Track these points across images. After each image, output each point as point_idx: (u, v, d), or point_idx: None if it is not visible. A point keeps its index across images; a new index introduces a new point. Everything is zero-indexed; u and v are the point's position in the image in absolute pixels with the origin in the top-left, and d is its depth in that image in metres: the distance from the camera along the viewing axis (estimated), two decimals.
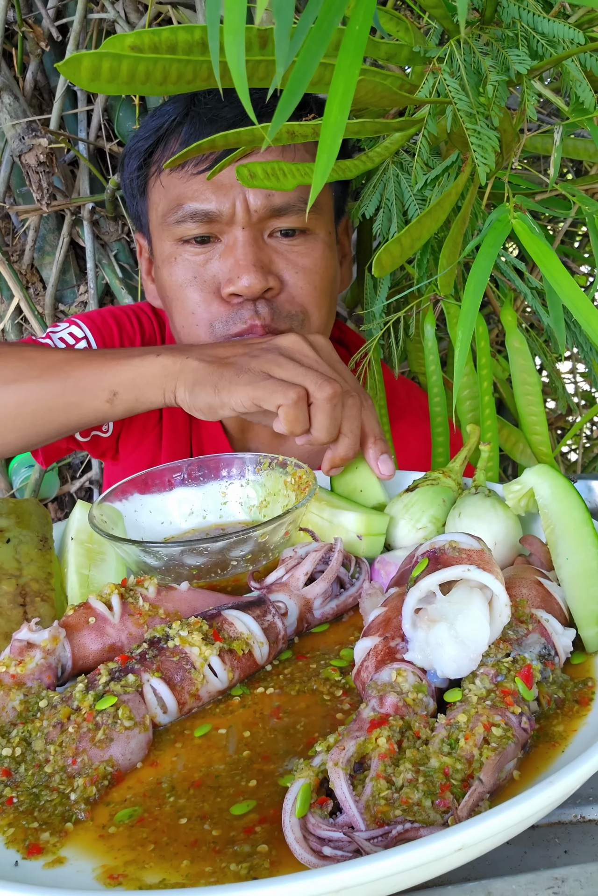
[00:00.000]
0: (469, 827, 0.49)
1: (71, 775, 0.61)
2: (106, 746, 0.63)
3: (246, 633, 0.74)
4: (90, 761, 0.62)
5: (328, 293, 1.18)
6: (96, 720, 0.63)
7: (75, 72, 0.70)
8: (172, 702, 0.68)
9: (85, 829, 0.58)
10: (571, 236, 2.04)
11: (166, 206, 1.14)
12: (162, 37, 0.71)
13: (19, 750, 0.63)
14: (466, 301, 0.78)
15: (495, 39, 0.82)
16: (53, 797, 0.60)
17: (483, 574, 0.64)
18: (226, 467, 1.05)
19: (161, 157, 1.15)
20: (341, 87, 0.50)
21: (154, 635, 0.72)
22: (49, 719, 0.65)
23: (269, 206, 1.10)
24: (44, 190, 1.53)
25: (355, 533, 0.91)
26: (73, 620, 0.75)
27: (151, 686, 0.68)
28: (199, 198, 1.10)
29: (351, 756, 0.56)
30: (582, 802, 0.63)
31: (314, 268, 1.15)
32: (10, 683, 0.68)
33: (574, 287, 0.76)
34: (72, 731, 0.63)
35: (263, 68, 0.73)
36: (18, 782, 0.62)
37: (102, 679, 0.67)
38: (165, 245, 1.16)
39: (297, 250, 1.14)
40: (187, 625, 0.72)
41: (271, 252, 1.13)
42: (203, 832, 0.57)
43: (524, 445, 1.10)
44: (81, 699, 0.65)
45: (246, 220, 1.10)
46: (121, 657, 0.70)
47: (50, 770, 0.62)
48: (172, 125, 1.14)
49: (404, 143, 0.94)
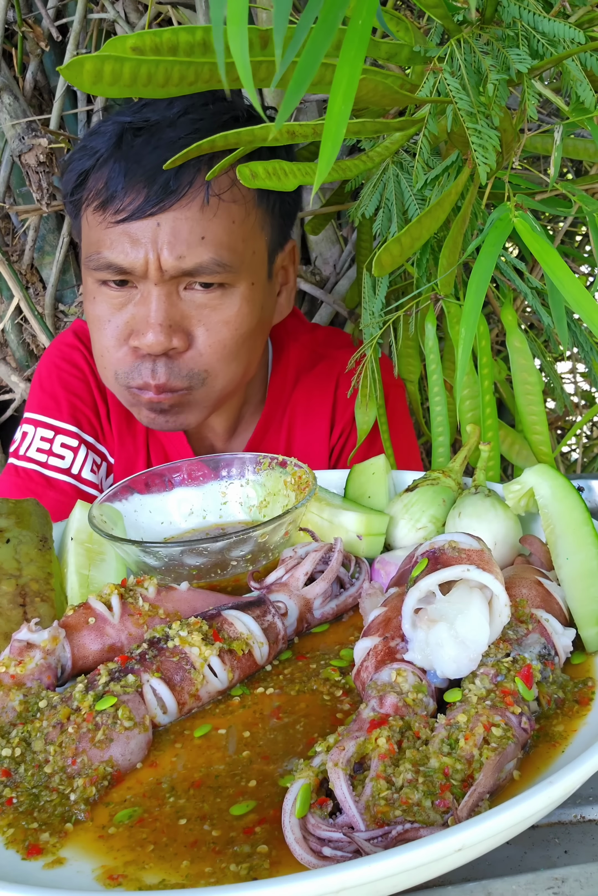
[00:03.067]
0: (469, 827, 0.49)
1: (71, 776, 0.61)
2: (106, 747, 0.63)
3: (246, 634, 0.74)
4: (90, 762, 0.62)
5: (242, 350, 1.18)
6: (96, 720, 0.63)
7: (77, 75, 0.70)
8: (172, 702, 0.68)
9: (84, 829, 0.58)
10: (571, 236, 2.04)
11: (87, 247, 1.15)
12: (163, 38, 0.71)
13: (19, 750, 0.63)
14: (468, 299, 0.78)
15: (495, 39, 0.82)
16: (53, 797, 0.60)
17: (483, 574, 0.64)
18: (226, 467, 1.05)
19: (91, 188, 1.14)
20: (345, 79, 0.50)
21: (154, 636, 0.72)
22: (49, 720, 0.64)
23: (180, 266, 1.09)
24: (44, 190, 1.53)
25: (355, 533, 0.91)
26: (72, 621, 0.75)
27: (150, 686, 0.68)
28: (114, 249, 1.10)
29: (351, 756, 0.56)
30: (582, 802, 0.63)
31: (226, 326, 1.14)
32: (9, 684, 0.68)
33: (577, 284, 0.76)
34: (71, 732, 0.63)
35: (264, 69, 0.73)
36: (18, 783, 0.62)
37: (102, 679, 0.67)
38: (87, 280, 1.18)
39: (211, 304, 1.13)
40: (187, 625, 0.72)
41: (184, 307, 1.12)
42: (203, 832, 0.57)
43: (519, 446, 1.10)
44: (81, 699, 0.65)
45: (158, 277, 1.09)
46: (121, 657, 0.70)
47: (50, 770, 0.62)
48: (101, 159, 1.13)
49: (405, 143, 0.94)
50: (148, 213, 1.08)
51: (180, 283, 1.12)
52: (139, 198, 1.08)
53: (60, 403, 1.34)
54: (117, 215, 1.09)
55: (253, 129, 0.78)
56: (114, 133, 1.12)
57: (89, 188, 1.14)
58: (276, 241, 1.21)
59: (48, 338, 1.67)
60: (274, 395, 1.38)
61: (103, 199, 1.11)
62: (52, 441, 1.31)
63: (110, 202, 1.10)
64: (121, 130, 1.12)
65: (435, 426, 1.12)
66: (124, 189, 1.08)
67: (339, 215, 1.68)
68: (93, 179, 1.14)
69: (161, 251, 1.08)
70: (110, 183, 1.10)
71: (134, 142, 1.10)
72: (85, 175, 1.15)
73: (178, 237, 1.08)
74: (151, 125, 1.10)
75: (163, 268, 1.09)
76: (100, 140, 1.14)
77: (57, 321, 1.73)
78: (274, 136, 0.77)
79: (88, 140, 1.17)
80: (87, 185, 1.15)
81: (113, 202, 1.09)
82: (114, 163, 1.11)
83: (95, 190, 1.13)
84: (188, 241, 1.08)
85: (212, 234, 1.10)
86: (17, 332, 1.73)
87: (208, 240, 1.09)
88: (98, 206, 1.11)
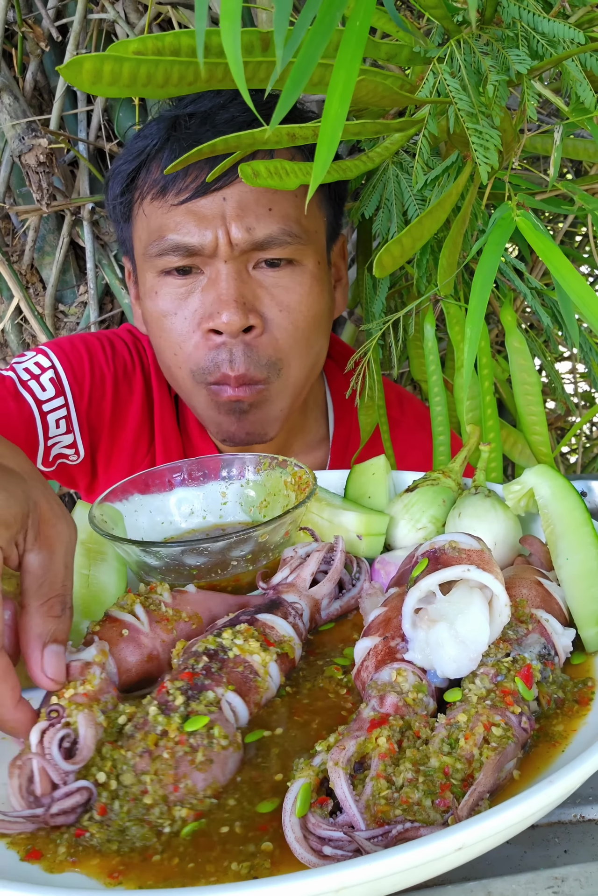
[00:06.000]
0: (469, 826, 0.49)
1: (172, 804, 0.58)
2: (208, 768, 0.59)
3: (288, 636, 0.73)
4: (194, 786, 0.59)
5: (313, 334, 1.16)
6: (190, 742, 0.60)
7: (77, 75, 0.70)
8: (245, 714, 0.66)
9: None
10: (571, 236, 2.04)
11: (148, 236, 1.13)
12: (165, 42, 0.71)
13: (114, 784, 0.59)
14: (473, 299, 0.78)
15: (495, 39, 0.82)
16: (144, 830, 0.56)
17: (483, 574, 0.64)
18: (226, 467, 1.05)
19: (144, 182, 1.13)
20: (342, 80, 0.50)
21: (208, 647, 0.69)
22: (132, 749, 0.60)
23: (251, 239, 1.07)
24: (44, 190, 1.53)
25: (355, 533, 0.91)
26: (105, 635, 0.72)
27: (226, 701, 0.65)
28: (180, 230, 1.08)
29: (351, 756, 0.56)
30: (582, 802, 0.63)
31: (299, 306, 1.12)
32: (86, 702, 0.63)
33: (581, 281, 0.76)
34: (167, 757, 0.59)
35: (264, 69, 0.73)
36: (111, 821, 0.57)
37: (178, 699, 0.63)
38: (147, 277, 1.15)
39: (282, 284, 1.11)
40: (239, 633, 0.70)
41: (256, 286, 1.10)
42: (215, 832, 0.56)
43: (522, 446, 1.10)
44: (167, 723, 0.61)
45: (228, 253, 1.08)
46: (185, 674, 0.66)
47: (150, 801, 0.58)
48: (153, 150, 1.12)
49: (404, 144, 0.94)
50: (213, 188, 1.06)
51: (250, 261, 1.10)
52: (202, 175, 1.06)
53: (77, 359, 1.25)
54: (180, 195, 1.08)
55: (253, 132, 0.78)
56: (164, 127, 1.12)
57: (143, 182, 1.13)
58: (331, 227, 1.20)
59: (48, 338, 1.67)
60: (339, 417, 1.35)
61: (163, 185, 1.09)
62: (44, 370, 1.22)
63: (171, 185, 1.08)
64: (172, 121, 1.11)
65: (435, 426, 1.12)
66: (186, 169, 1.06)
67: None
68: (145, 173, 1.13)
69: (230, 225, 1.07)
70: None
71: (190, 124, 1.09)
72: (135, 173, 1.14)
73: (246, 209, 1.07)
74: (203, 111, 1.09)
75: (233, 242, 1.07)
76: (144, 140, 1.14)
77: (57, 321, 1.73)
78: (270, 137, 0.77)
79: (134, 143, 1.16)
80: (138, 181, 1.14)
81: (175, 184, 1.08)
82: (171, 147, 1.09)
83: (151, 180, 1.11)
84: (256, 212, 1.07)
85: (278, 205, 1.08)
86: (17, 332, 1.73)
87: (275, 211, 1.08)
88: (157, 192, 1.10)
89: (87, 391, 1.25)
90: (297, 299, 1.12)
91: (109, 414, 1.28)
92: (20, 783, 0.58)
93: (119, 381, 1.29)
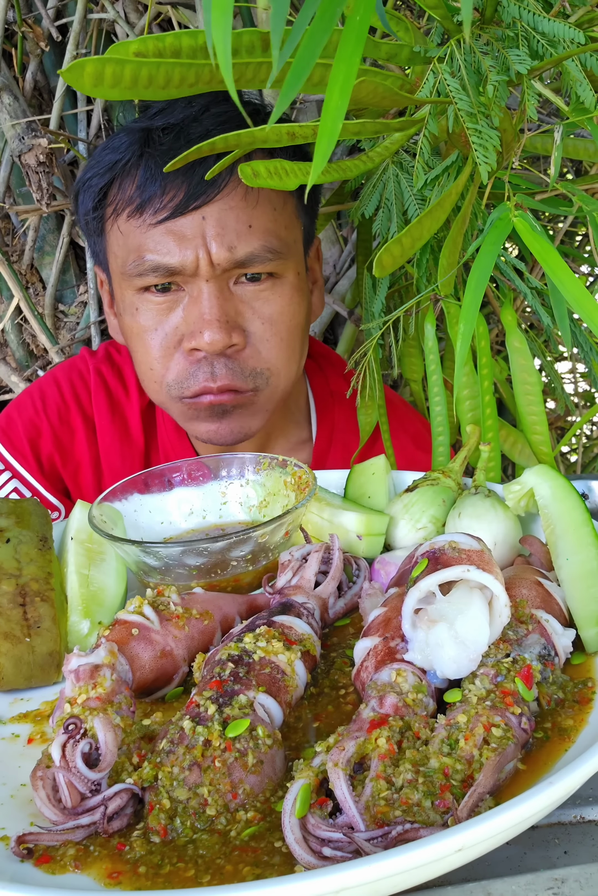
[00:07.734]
0: (469, 827, 0.49)
1: (234, 810, 0.58)
2: (260, 770, 0.59)
3: (307, 634, 0.73)
4: (252, 790, 0.58)
5: (296, 342, 1.16)
6: (237, 747, 0.59)
7: (78, 77, 0.70)
8: (279, 714, 0.66)
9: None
10: (571, 236, 2.04)
11: (126, 255, 1.11)
12: (166, 43, 0.71)
13: (166, 802, 0.58)
14: (467, 296, 0.78)
15: (495, 39, 0.82)
16: (213, 839, 0.56)
17: (483, 574, 0.64)
18: (226, 467, 1.05)
19: (117, 198, 1.11)
20: (342, 72, 0.50)
21: (231, 653, 0.69)
22: (178, 764, 0.59)
23: (232, 258, 1.06)
24: (44, 190, 1.52)
25: (355, 533, 0.91)
26: (115, 637, 0.72)
27: (259, 703, 0.65)
28: (160, 250, 1.06)
29: (351, 756, 0.56)
30: (582, 803, 0.63)
31: (281, 317, 1.12)
32: (99, 706, 0.63)
33: (577, 284, 0.76)
34: (219, 766, 0.58)
35: (264, 70, 0.73)
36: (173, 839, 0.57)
37: (210, 709, 0.62)
38: (126, 294, 1.14)
39: (263, 296, 1.11)
40: (261, 636, 0.70)
41: (237, 302, 1.10)
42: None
43: (522, 445, 1.10)
44: (208, 732, 0.60)
45: (210, 272, 1.06)
46: (213, 683, 0.65)
47: (214, 812, 0.57)
48: (127, 165, 1.10)
49: (404, 143, 0.94)
50: (192, 206, 1.05)
51: (230, 278, 1.09)
52: (180, 193, 1.05)
53: (14, 431, 1.29)
54: (158, 214, 1.06)
55: (252, 130, 0.78)
56: (135, 139, 1.10)
57: (116, 198, 1.11)
58: (307, 234, 1.20)
59: (48, 338, 1.67)
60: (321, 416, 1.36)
61: (139, 203, 1.07)
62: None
63: (148, 203, 1.06)
64: (144, 134, 1.09)
65: (435, 426, 1.12)
66: (162, 187, 1.05)
67: (339, 215, 1.68)
68: (118, 189, 1.11)
69: (210, 245, 1.05)
70: (146, 184, 1.06)
71: (164, 139, 1.07)
72: (107, 188, 1.12)
73: (226, 228, 1.05)
74: (175, 124, 1.08)
75: (214, 261, 1.06)
76: (115, 153, 1.11)
77: (57, 321, 1.73)
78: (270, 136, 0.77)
79: (101, 156, 1.13)
80: (110, 197, 1.12)
81: (151, 202, 1.06)
82: (145, 164, 1.07)
83: (126, 197, 1.09)
84: (237, 230, 1.06)
85: (257, 221, 1.07)
86: (17, 332, 1.73)
87: (255, 228, 1.07)
88: (133, 210, 1.08)
89: (30, 453, 1.28)
90: (279, 311, 1.12)
91: (60, 461, 1.31)
92: (47, 794, 0.58)
93: (56, 429, 1.31)
